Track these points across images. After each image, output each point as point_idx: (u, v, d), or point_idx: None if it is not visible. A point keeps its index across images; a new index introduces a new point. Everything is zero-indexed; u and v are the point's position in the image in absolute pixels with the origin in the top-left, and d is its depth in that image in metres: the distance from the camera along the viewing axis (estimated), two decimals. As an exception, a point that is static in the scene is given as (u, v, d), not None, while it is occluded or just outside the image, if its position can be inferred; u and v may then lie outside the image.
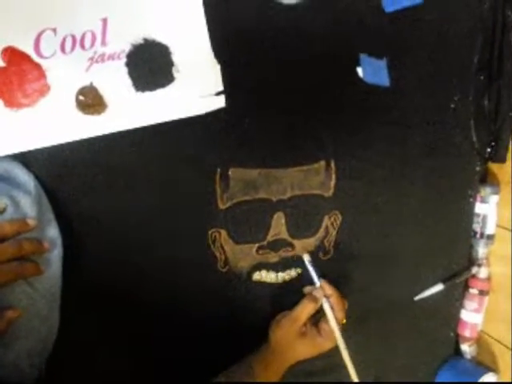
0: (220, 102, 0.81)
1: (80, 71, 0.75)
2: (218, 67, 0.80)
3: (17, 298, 0.70)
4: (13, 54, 0.72)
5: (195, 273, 0.88)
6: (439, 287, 1.09)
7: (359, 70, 0.91)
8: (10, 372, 0.68)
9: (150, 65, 0.77)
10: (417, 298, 1.08)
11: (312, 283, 0.93)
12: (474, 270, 1.12)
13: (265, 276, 0.93)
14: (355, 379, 0.90)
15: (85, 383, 0.84)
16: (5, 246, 0.68)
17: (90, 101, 0.76)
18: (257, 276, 0.92)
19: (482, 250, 1.11)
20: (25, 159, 0.75)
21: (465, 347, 1.17)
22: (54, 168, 0.76)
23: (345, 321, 0.99)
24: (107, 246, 0.81)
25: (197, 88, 0.80)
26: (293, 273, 0.94)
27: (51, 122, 0.75)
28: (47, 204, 0.76)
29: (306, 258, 0.93)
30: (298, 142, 0.89)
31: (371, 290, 1.03)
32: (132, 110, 0.78)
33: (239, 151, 0.85)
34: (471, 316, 1.14)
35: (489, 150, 1.07)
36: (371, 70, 0.92)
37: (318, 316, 0.91)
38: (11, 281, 0.68)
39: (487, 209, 1.09)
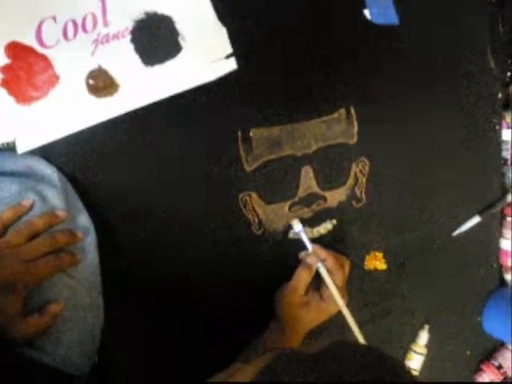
0: (231, 65, 0.80)
1: (86, 55, 0.74)
2: (223, 30, 0.79)
3: (58, 290, 0.69)
4: (16, 48, 0.72)
5: (231, 240, 0.88)
6: (476, 219, 1.08)
7: (366, 12, 0.89)
8: (62, 364, 0.68)
9: (156, 37, 0.76)
10: (455, 233, 1.07)
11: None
12: (509, 197, 1.10)
13: (301, 233, 0.92)
14: (361, 340, 0.88)
15: (133, 368, 0.85)
16: (39, 241, 0.68)
17: (101, 83, 0.75)
18: (292, 234, 0.91)
19: (514, 177, 1.10)
20: (45, 152, 0.75)
21: (509, 277, 1.16)
22: (74, 156, 0.76)
23: (385, 266, 0.99)
24: (140, 225, 0.81)
25: (206, 54, 0.79)
26: (328, 225, 0.93)
27: (65, 111, 0.74)
28: (74, 193, 0.75)
29: (296, 225, 0.90)
30: (314, 93, 0.88)
31: (409, 232, 1.02)
32: (144, 85, 0.77)
33: (257, 111, 0.84)
34: (511, 244, 1.13)
35: (509, 74, 1.05)
36: (378, 11, 0.91)
37: (319, 281, 0.88)
38: (50, 274, 0.68)
39: (514, 134, 1.07)
